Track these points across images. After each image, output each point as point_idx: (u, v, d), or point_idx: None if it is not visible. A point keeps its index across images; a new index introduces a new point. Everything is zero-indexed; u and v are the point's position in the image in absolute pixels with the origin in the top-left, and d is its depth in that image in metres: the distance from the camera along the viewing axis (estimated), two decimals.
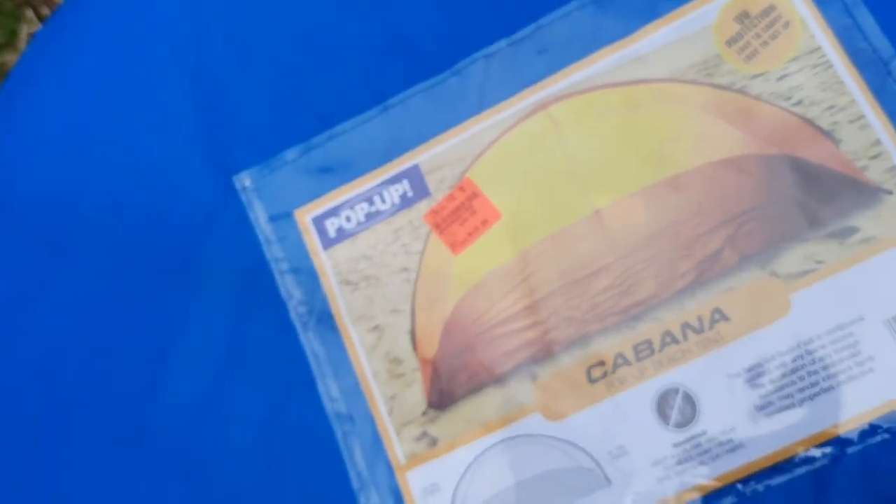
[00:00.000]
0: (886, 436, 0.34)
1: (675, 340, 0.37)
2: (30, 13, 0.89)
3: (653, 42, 0.40)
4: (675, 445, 0.36)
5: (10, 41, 0.90)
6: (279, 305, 0.41)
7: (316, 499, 0.39)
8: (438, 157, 0.41)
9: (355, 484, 0.39)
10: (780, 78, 0.38)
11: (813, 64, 0.38)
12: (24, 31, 0.88)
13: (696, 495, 0.35)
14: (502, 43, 0.42)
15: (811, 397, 0.35)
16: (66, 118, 0.47)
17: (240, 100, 0.44)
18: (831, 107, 0.37)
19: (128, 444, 0.41)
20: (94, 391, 0.43)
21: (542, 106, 0.40)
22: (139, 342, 0.43)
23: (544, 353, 0.38)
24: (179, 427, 0.41)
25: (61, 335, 0.44)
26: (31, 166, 0.47)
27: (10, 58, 0.87)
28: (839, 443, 0.34)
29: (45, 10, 0.88)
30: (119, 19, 0.47)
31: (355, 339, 0.40)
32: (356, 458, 0.39)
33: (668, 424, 0.36)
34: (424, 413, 0.39)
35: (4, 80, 0.50)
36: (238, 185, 0.43)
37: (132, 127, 0.45)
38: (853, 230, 0.36)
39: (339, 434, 0.39)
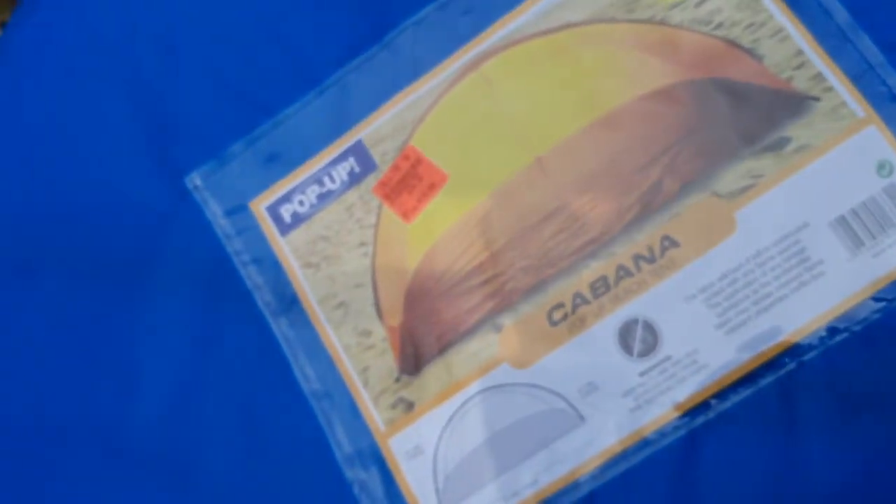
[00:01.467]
0: (845, 335, 0.37)
1: (629, 273, 0.39)
2: None
3: None
4: (642, 374, 0.38)
5: None
6: (246, 296, 0.44)
7: (304, 478, 0.42)
8: (380, 129, 0.44)
9: (340, 458, 0.41)
10: (698, 4, 0.40)
11: None
12: None
13: (669, 419, 0.37)
14: (429, 8, 0.44)
15: (766, 308, 0.37)
16: (12, 142, 0.49)
17: (179, 101, 0.46)
18: (750, 24, 0.40)
19: (110, 447, 0.44)
20: (72, 401, 0.45)
21: (475, 65, 0.43)
22: (111, 349, 0.45)
23: (505, 303, 0.40)
24: (159, 425, 0.43)
25: (36, 351, 0.46)
26: None
27: None
28: (800, 348, 0.37)
29: None
30: (57, 39, 0.50)
31: (322, 318, 0.43)
32: (338, 434, 0.41)
33: (632, 355, 0.38)
34: (398, 379, 0.41)
35: None
36: (190, 185, 0.46)
37: (79, 142, 0.48)
38: (787, 140, 0.38)
39: (318, 412, 0.42)
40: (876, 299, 0.36)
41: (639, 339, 0.38)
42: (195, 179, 0.45)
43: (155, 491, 0.42)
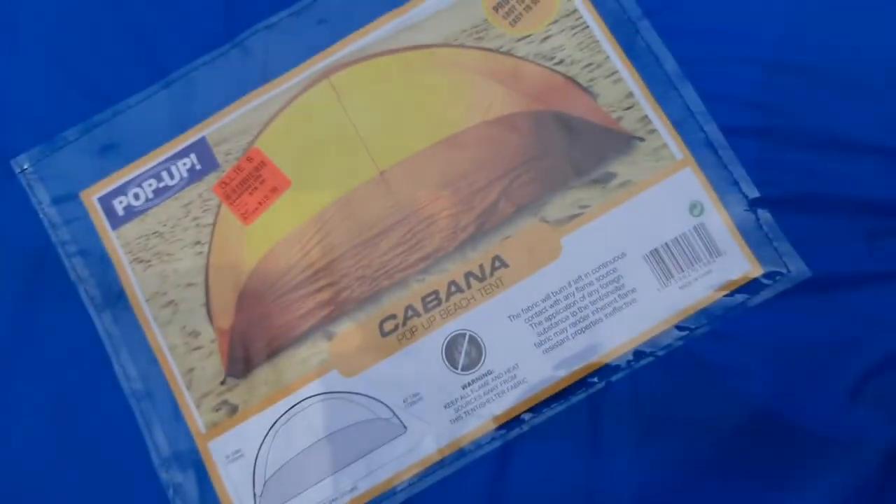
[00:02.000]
0: (650, 359, 0.40)
1: (460, 289, 0.41)
2: None
3: (425, 10, 0.44)
4: (464, 387, 0.40)
5: None
6: (69, 288, 0.43)
7: (117, 479, 0.41)
8: (225, 128, 0.44)
9: (157, 460, 0.41)
10: (543, 40, 0.43)
11: (571, 26, 0.43)
12: None
13: (486, 431, 0.39)
14: (283, 14, 0.44)
15: (582, 330, 0.40)
16: None
17: (13, 78, 0.45)
18: (589, 64, 0.43)
19: None
20: None
21: (325, 75, 0.44)
22: None
23: (338, 312, 0.41)
24: None
25: None
26: None
27: None
28: (609, 369, 0.40)
29: None
30: None
31: (149, 316, 0.42)
32: (156, 435, 0.41)
33: (457, 368, 0.40)
34: (223, 382, 0.41)
35: None
36: (16, 169, 0.44)
37: None
38: (612, 175, 0.41)
39: (137, 413, 0.41)
40: (679, 328, 0.39)
41: (464, 352, 0.40)
42: (22, 163, 0.44)
43: None
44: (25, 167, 0.43)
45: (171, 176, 0.43)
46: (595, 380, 0.39)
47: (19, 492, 0.40)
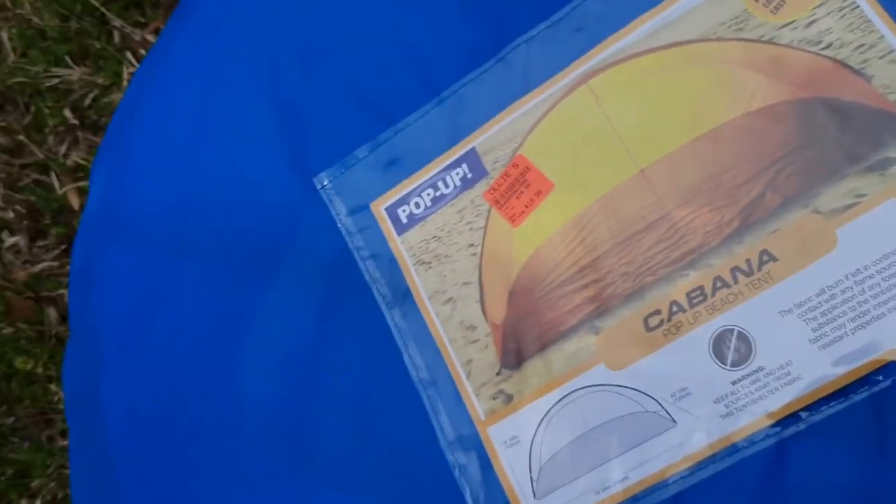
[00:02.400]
0: None
1: (726, 284, 0.42)
2: (129, 55, 1.03)
3: (681, 7, 0.45)
4: (734, 382, 0.41)
5: (115, 82, 1.05)
6: (364, 289, 0.49)
7: (409, 459, 0.47)
8: (492, 138, 0.48)
9: (443, 442, 0.46)
10: (808, 25, 0.43)
11: (839, 7, 0.42)
12: (126, 71, 1.02)
13: (760, 427, 0.40)
14: (541, 26, 0.48)
15: (863, 326, 0.39)
16: (167, 142, 0.57)
17: (312, 107, 0.52)
18: (861, 45, 0.42)
19: (236, 422, 0.50)
20: (210, 378, 0.52)
21: (583, 80, 0.47)
22: (243, 331, 0.51)
23: (604, 308, 0.44)
24: (278, 402, 0.49)
25: (182, 329, 0.54)
26: (146, 187, 0.57)
27: (117, 96, 1.02)
28: (894, 367, 0.39)
29: (142, 52, 1.02)
30: (203, 49, 0.57)
31: (432, 312, 0.48)
32: (442, 420, 0.46)
33: (725, 364, 0.41)
34: (499, 373, 0.46)
35: (113, 114, 0.61)
36: (318, 185, 0.52)
37: (224, 144, 0.55)
38: (892, 161, 0.40)
39: (424, 398, 0.47)
40: None
41: (732, 348, 0.41)
42: (323, 180, 0.51)
43: (271, 462, 0.48)
44: (325, 183, 0.50)
45: (447, 185, 0.48)
46: (880, 377, 0.38)
47: (325, 465, 0.47)
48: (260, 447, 0.48)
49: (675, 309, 0.41)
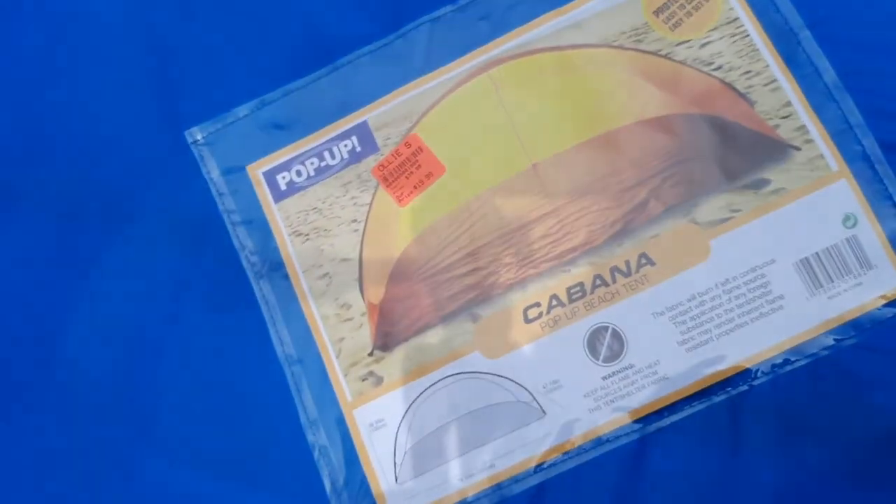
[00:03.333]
0: (795, 366, 0.41)
1: (605, 283, 0.43)
2: None
3: (585, 11, 0.46)
4: (605, 378, 0.42)
5: None
6: (231, 254, 0.46)
7: (266, 436, 0.44)
8: (386, 114, 0.47)
9: (304, 421, 0.44)
10: (703, 45, 0.45)
11: (731, 33, 0.45)
12: None
13: (625, 422, 0.41)
14: (447, 8, 0.48)
15: (727, 332, 0.42)
16: (7, 61, 0.51)
17: (192, 58, 0.49)
18: (747, 72, 0.44)
19: (71, 379, 0.46)
20: (43, 337, 0.47)
21: (484, 68, 0.47)
22: (84, 284, 0.47)
23: (484, 296, 0.44)
24: (125, 364, 0.45)
25: (12, 280, 0.48)
26: None
27: None
28: (752, 373, 0.41)
29: None
30: None
31: (305, 286, 0.46)
32: (304, 398, 0.44)
33: (598, 360, 0.42)
34: (371, 354, 0.44)
35: None
36: (189, 139, 0.48)
37: (86, 82, 0.50)
38: (766, 182, 0.43)
39: (288, 375, 0.45)
40: (827, 337, 0.40)
41: (606, 345, 0.42)
42: (196, 134, 0.48)
43: (113, 428, 0.44)
44: (198, 138, 0.47)
45: (333, 156, 0.46)
46: (738, 382, 0.40)
47: (171, 434, 0.44)
48: (97, 418, 0.44)
49: (554, 303, 0.42)
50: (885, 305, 0.40)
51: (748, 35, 0.44)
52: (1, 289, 0.47)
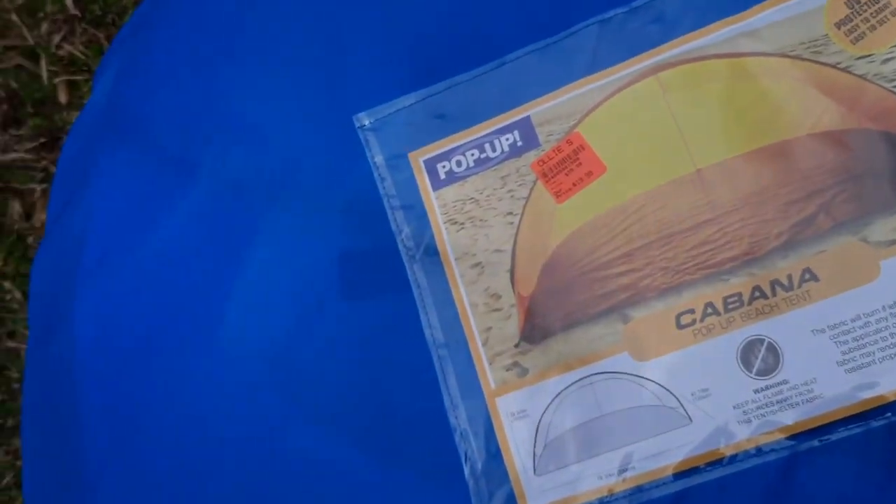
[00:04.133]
0: None
1: (764, 295, 0.43)
2: None
3: (764, 19, 0.46)
4: (757, 391, 0.42)
5: None
6: (388, 237, 0.49)
7: (410, 415, 0.46)
8: (549, 111, 0.48)
9: (447, 404, 0.45)
10: (885, 61, 0.44)
11: None
12: None
13: (774, 438, 0.41)
14: (619, 10, 0.48)
15: (891, 357, 0.41)
16: (190, 53, 0.55)
17: (365, 44, 0.52)
18: None
19: (233, 357, 0.49)
20: (206, 305, 0.50)
21: (653, 71, 0.47)
22: (248, 260, 0.50)
23: (637, 297, 0.44)
24: (283, 337, 0.48)
25: (177, 250, 0.52)
26: (160, 94, 0.55)
27: None
28: None
29: None
30: None
31: (457, 273, 0.47)
32: (449, 382, 0.46)
33: (751, 372, 0.42)
34: (517, 345, 0.46)
35: (131, 14, 0.59)
36: (357, 124, 0.51)
37: (256, 64, 0.53)
38: None
39: (435, 359, 0.46)
40: None
41: (760, 358, 0.42)
42: (363, 119, 0.50)
43: (268, 397, 0.47)
44: (366, 123, 0.50)
45: (493, 149, 0.48)
46: None
47: (322, 406, 0.46)
48: (249, 383, 0.47)
49: (709, 310, 0.42)
50: None
51: None
52: (170, 254, 0.50)
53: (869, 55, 0.43)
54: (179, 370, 0.49)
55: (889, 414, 0.39)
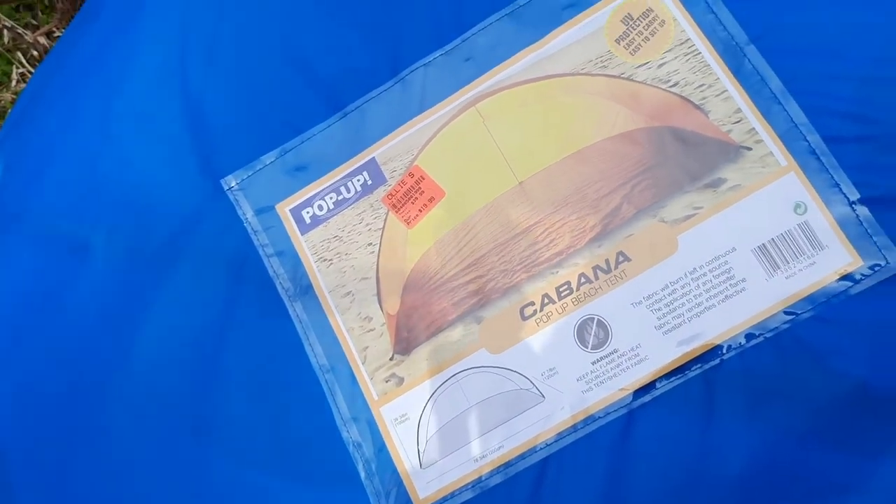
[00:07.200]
0: (759, 340, 0.49)
1: (589, 280, 0.52)
2: (19, 55, 1.06)
3: (558, 44, 0.56)
4: (594, 363, 0.51)
5: (2, 81, 1.08)
6: (269, 283, 0.56)
7: (308, 436, 0.53)
8: (391, 150, 0.57)
9: (339, 421, 0.54)
10: (660, 66, 0.54)
11: (685, 52, 0.54)
12: (15, 72, 1.05)
13: (613, 400, 0.50)
14: (436, 53, 0.57)
15: (698, 315, 0.50)
16: (71, 138, 0.62)
17: (223, 113, 0.58)
18: (701, 85, 0.53)
19: (136, 405, 0.56)
20: (113, 367, 0.57)
21: (472, 103, 0.56)
22: (147, 323, 0.57)
23: (485, 300, 0.53)
24: (183, 386, 0.55)
25: (79, 322, 0.59)
26: (47, 182, 0.62)
27: (5, 95, 1.05)
28: (722, 349, 0.49)
29: (34, 53, 1.06)
30: (111, 48, 0.62)
31: (332, 304, 0.56)
32: (338, 400, 0.54)
33: (587, 347, 0.51)
34: (392, 358, 0.54)
35: (16, 103, 0.66)
36: (225, 186, 0.59)
37: (131, 144, 0.60)
38: (723, 181, 0.52)
39: (323, 383, 0.54)
40: (786, 313, 0.48)
41: (593, 334, 0.51)
42: (230, 181, 0.58)
43: (178, 434, 0.54)
44: (233, 185, 0.58)
45: (348, 190, 0.56)
46: (710, 357, 0.49)
47: (228, 440, 0.54)
48: (161, 426, 0.54)
49: (546, 301, 0.51)
50: (838, 281, 0.47)
51: (699, 53, 0.52)
52: (73, 326, 0.57)
53: (646, 63, 0.53)
54: (97, 425, 0.55)
55: (702, 364, 0.48)
